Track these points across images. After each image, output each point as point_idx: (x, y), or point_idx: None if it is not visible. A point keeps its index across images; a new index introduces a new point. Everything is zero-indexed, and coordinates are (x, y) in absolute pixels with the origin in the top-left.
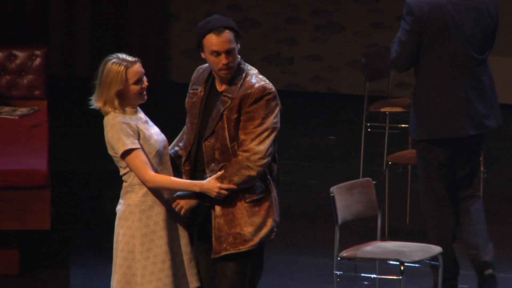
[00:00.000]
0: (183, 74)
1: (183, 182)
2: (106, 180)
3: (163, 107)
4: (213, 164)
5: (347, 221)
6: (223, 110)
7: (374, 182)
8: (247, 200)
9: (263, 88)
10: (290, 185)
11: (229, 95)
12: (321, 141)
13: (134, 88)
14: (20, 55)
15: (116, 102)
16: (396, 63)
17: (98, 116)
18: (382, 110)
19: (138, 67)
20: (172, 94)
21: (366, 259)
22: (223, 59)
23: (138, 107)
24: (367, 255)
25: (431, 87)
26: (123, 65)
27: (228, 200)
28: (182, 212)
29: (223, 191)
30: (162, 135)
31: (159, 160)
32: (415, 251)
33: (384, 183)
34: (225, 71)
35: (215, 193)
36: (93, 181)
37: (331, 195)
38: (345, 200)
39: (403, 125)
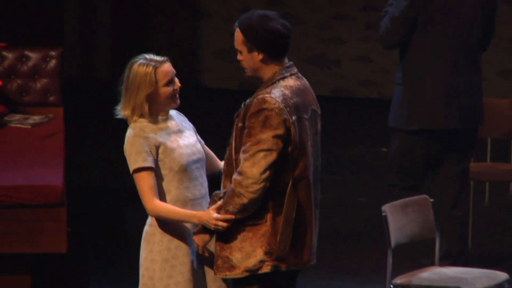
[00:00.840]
0: (217, 77)
1: (183, 212)
2: (129, 196)
3: (194, 115)
4: (217, 191)
5: (401, 243)
6: (235, 116)
7: (431, 200)
8: (242, 224)
9: (263, 101)
10: (336, 203)
11: (245, 102)
12: (372, 153)
13: (166, 90)
14: (33, 56)
15: (146, 108)
16: (384, 40)
17: (120, 125)
18: None
19: (168, 66)
20: (204, 100)
21: (422, 286)
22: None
23: (172, 113)
24: (424, 282)
25: (424, 72)
26: (151, 65)
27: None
28: (200, 251)
29: (220, 223)
30: (197, 146)
31: (185, 176)
32: (478, 278)
33: None
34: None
35: (213, 226)
36: (114, 198)
37: (383, 214)
38: (399, 220)
39: None
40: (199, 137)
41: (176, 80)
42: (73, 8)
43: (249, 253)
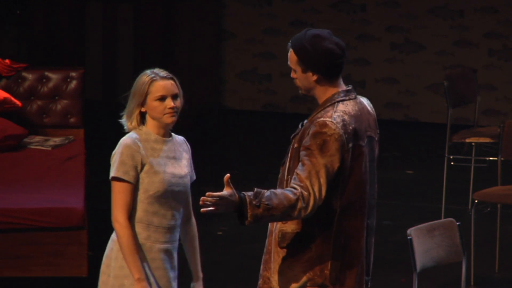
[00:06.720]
0: (240, 99)
1: (134, 259)
2: None
3: (216, 137)
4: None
5: (427, 267)
6: (292, 137)
7: (458, 224)
8: (282, 245)
9: (323, 124)
10: None
11: (303, 122)
12: (397, 176)
13: (154, 104)
14: (54, 77)
15: (135, 115)
16: None
17: None
18: (467, 140)
19: (166, 83)
20: (227, 122)
21: None
22: None
23: (179, 139)
24: None
25: None
26: (150, 76)
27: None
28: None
29: None
30: (185, 180)
31: (157, 202)
32: None
33: (469, 225)
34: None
35: None
36: None
37: (409, 238)
38: (425, 243)
39: (491, 158)
40: (194, 175)
41: (171, 100)
42: (95, 29)
43: (289, 278)
